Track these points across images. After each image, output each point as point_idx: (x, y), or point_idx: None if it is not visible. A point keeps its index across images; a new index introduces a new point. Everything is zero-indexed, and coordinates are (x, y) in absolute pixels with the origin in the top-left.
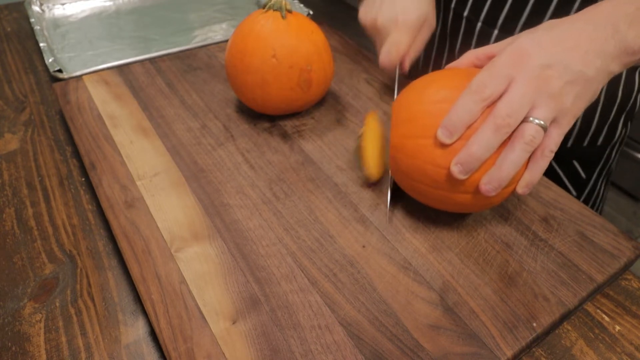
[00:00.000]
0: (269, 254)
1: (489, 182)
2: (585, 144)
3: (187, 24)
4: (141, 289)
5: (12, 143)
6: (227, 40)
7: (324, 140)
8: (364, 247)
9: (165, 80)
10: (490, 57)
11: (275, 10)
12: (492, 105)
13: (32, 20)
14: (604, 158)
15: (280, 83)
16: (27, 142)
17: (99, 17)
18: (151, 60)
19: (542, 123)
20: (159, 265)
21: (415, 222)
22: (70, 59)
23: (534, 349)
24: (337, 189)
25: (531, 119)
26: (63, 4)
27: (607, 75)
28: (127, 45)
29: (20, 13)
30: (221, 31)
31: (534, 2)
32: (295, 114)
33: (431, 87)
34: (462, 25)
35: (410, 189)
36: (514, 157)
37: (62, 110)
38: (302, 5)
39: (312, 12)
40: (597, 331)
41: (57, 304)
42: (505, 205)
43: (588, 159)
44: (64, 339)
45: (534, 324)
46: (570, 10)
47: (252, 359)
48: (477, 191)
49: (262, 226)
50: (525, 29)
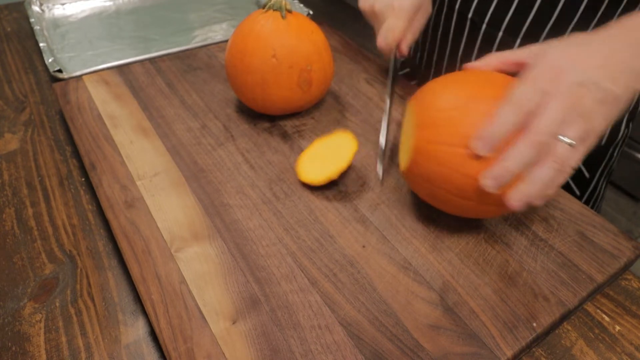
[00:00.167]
0: (269, 254)
1: (520, 199)
2: None
3: (187, 24)
4: (141, 289)
5: (12, 143)
6: (227, 40)
7: None
8: (364, 247)
9: (165, 80)
10: (517, 64)
11: (275, 10)
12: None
13: (32, 20)
14: (607, 157)
15: (280, 83)
16: (27, 142)
17: (99, 17)
18: (151, 60)
19: (572, 143)
20: (159, 265)
21: (415, 222)
22: (70, 59)
23: (534, 349)
24: (337, 189)
25: (561, 137)
26: (63, 4)
27: (633, 93)
28: (127, 45)
29: (20, 13)
30: (221, 31)
31: (539, 5)
32: (295, 114)
33: (455, 91)
34: (467, 26)
35: (427, 193)
36: (543, 175)
37: (62, 110)
38: (302, 5)
39: (312, 12)
40: (597, 331)
41: (57, 304)
42: None
43: (592, 159)
44: (64, 339)
45: (534, 324)
46: (575, 12)
47: (252, 359)
48: (502, 203)
49: (262, 226)
50: (529, 31)
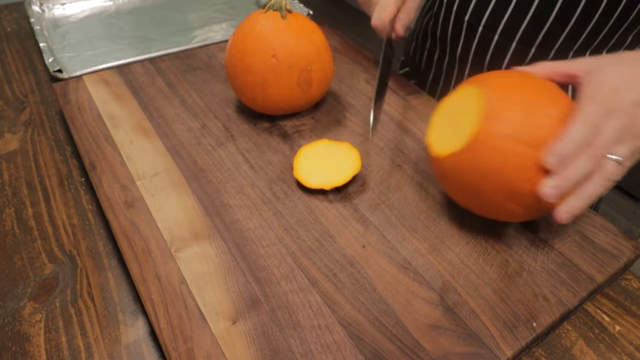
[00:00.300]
0: (269, 254)
1: (569, 212)
2: None
3: (187, 24)
4: (141, 289)
5: (12, 143)
6: (227, 40)
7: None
8: (364, 247)
9: (165, 80)
10: (569, 75)
11: (275, 10)
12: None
13: (32, 20)
14: None
15: (280, 83)
16: (27, 142)
17: (99, 17)
18: (151, 60)
19: (620, 160)
20: (159, 265)
21: (415, 222)
22: (70, 59)
23: (534, 349)
24: (337, 188)
25: (609, 155)
26: (63, 4)
27: None
28: (127, 45)
29: (20, 13)
30: (221, 31)
31: (535, 9)
32: (295, 114)
33: (526, 91)
34: (464, 29)
35: (464, 187)
36: (591, 190)
37: (62, 110)
38: (302, 5)
39: (312, 12)
40: (597, 331)
41: (57, 304)
42: None
43: None
44: (64, 339)
45: (534, 324)
46: (572, 16)
47: (252, 359)
48: (538, 210)
49: (262, 226)
50: (526, 34)
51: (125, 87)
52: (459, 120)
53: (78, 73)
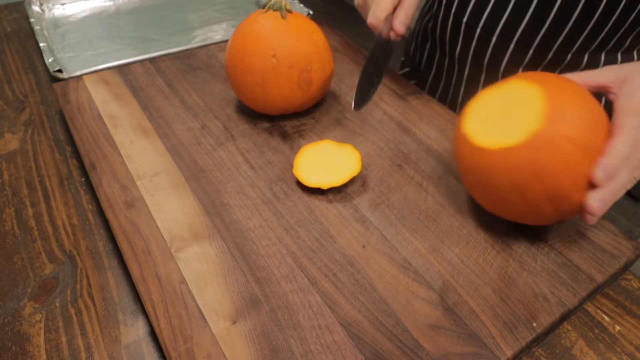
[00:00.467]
0: (269, 254)
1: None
2: None
3: (187, 24)
4: (141, 289)
5: (12, 143)
6: (227, 40)
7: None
8: (364, 247)
9: (165, 80)
10: (600, 87)
11: (275, 10)
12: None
13: (32, 20)
14: None
15: (280, 83)
16: (27, 142)
17: (99, 17)
18: (151, 60)
19: None
20: (159, 265)
21: (415, 222)
22: (70, 59)
23: (534, 349)
24: (337, 188)
25: None
26: (63, 4)
27: None
28: (127, 45)
29: (20, 13)
30: (221, 31)
31: (533, 10)
32: (295, 114)
33: (581, 96)
34: (462, 30)
35: (505, 184)
36: (622, 193)
37: (62, 110)
38: (302, 5)
39: (312, 12)
40: (597, 331)
41: (57, 304)
42: None
43: None
44: (64, 339)
45: (534, 324)
46: (569, 18)
47: (252, 359)
48: (568, 217)
49: (262, 226)
50: (524, 36)
51: (125, 87)
52: (510, 115)
53: (78, 73)
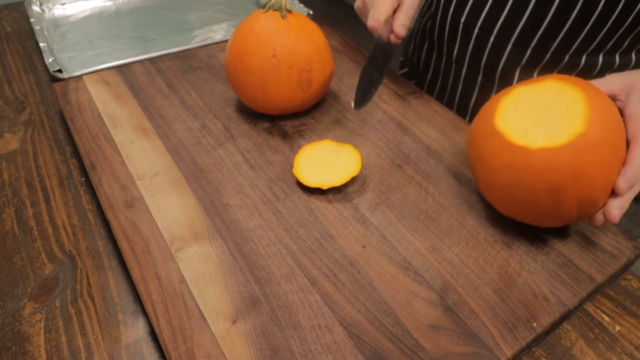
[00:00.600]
0: (269, 254)
1: (620, 212)
2: None
3: (187, 24)
4: (141, 289)
5: (12, 143)
6: (227, 40)
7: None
8: (364, 247)
9: (165, 80)
10: (609, 95)
11: (275, 10)
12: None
13: (32, 20)
14: None
15: (280, 83)
16: (27, 142)
17: (99, 17)
18: (151, 60)
19: None
20: (159, 265)
21: (415, 222)
22: (70, 59)
23: (534, 349)
24: (337, 188)
25: None
26: (63, 4)
27: None
28: (127, 45)
29: (20, 13)
30: (221, 31)
31: (531, 10)
32: (295, 114)
33: (614, 107)
34: (459, 30)
35: (537, 185)
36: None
37: (62, 110)
38: (302, 5)
39: (312, 12)
40: (597, 331)
41: (57, 304)
42: None
43: None
44: (64, 339)
45: (534, 324)
46: (567, 19)
47: (252, 359)
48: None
49: (262, 226)
50: (521, 37)
51: (125, 87)
52: (551, 115)
53: (78, 73)
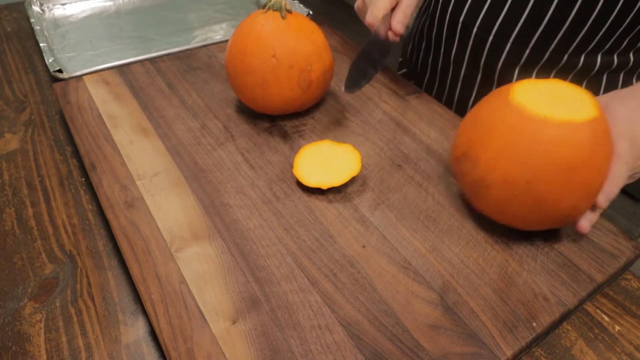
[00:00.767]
0: (269, 254)
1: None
2: None
3: (187, 24)
4: (141, 289)
5: (12, 143)
6: (227, 40)
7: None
8: (364, 247)
9: (165, 80)
10: None
11: (275, 10)
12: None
13: (32, 20)
14: None
15: (280, 83)
16: (27, 142)
17: (99, 17)
18: (151, 60)
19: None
20: (159, 265)
21: (415, 222)
22: (70, 59)
23: (534, 349)
24: (337, 188)
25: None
26: (63, 4)
27: None
28: (127, 45)
29: (20, 13)
30: (221, 31)
31: (530, 9)
32: (295, 114)
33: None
34: (458, 30)
35: (559, 162)
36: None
37: (62, 110)
38: (302, 5)
39: (312, 12)
40: (597, 331)
41: (57, 304)
42: None
43: None
44: (64, 339)
45: (534, 324)
46: (566, 19)
47: (252, 359)
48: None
49: (262, 226)
50: (520, 36)
51: (125, 87)
52: (565, 101)
53: (78, 73)
